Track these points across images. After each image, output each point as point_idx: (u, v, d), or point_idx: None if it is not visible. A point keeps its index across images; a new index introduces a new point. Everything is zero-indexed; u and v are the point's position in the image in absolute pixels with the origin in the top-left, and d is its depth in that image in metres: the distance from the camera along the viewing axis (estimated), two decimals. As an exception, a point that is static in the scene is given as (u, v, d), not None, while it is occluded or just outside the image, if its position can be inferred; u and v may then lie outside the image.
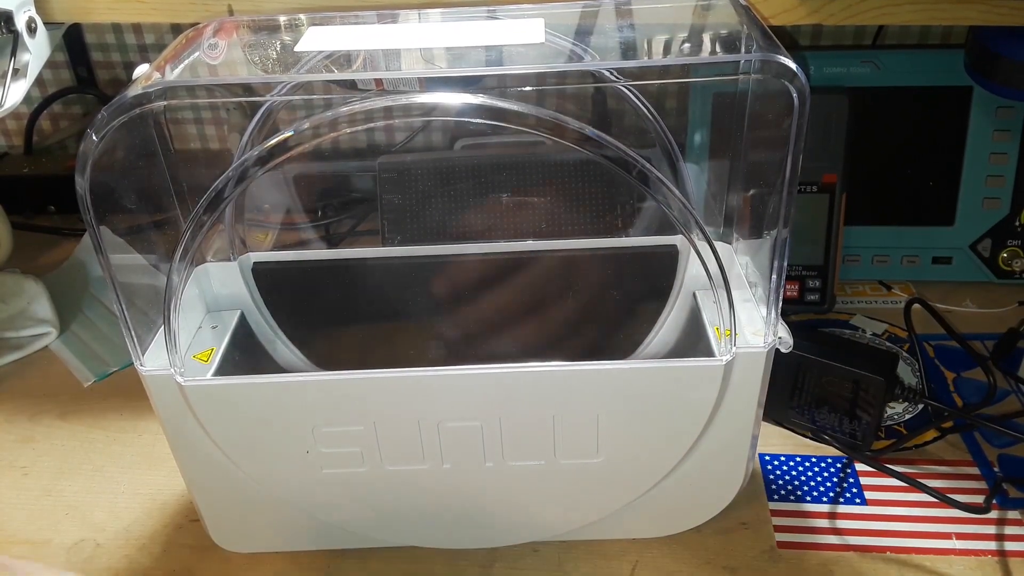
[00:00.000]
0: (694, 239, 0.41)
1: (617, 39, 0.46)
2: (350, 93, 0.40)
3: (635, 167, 0.38)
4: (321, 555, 0.49)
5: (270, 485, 0.46)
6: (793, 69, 0.37)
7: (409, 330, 0.55)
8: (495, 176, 0.65)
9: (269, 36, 0.46)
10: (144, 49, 0.84)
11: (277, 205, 0.74)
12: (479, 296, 0.53)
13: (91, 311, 0.71)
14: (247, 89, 0.47)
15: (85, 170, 0.38)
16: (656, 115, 0.51)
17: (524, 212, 0.64)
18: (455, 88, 0.38)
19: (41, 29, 0.55)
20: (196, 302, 0.50)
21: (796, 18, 0.53)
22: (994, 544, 0.49)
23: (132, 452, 0.58)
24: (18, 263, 0.74)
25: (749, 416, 0.45)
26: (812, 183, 0.65)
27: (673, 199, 0.40)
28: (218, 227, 0.50)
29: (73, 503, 0.54)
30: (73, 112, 0.90)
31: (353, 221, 0.78)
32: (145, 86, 0.38)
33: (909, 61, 0.67)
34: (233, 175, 0.40)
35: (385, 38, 0.45)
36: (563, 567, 0.48)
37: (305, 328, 0.53)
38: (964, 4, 0.53)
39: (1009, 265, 0.70)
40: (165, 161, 0.47)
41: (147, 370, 0.42)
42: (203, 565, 0.49)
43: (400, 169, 0.66)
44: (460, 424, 0.44)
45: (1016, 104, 0.66)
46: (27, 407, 0.62)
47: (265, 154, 0.39)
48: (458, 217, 0.66)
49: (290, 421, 0.44)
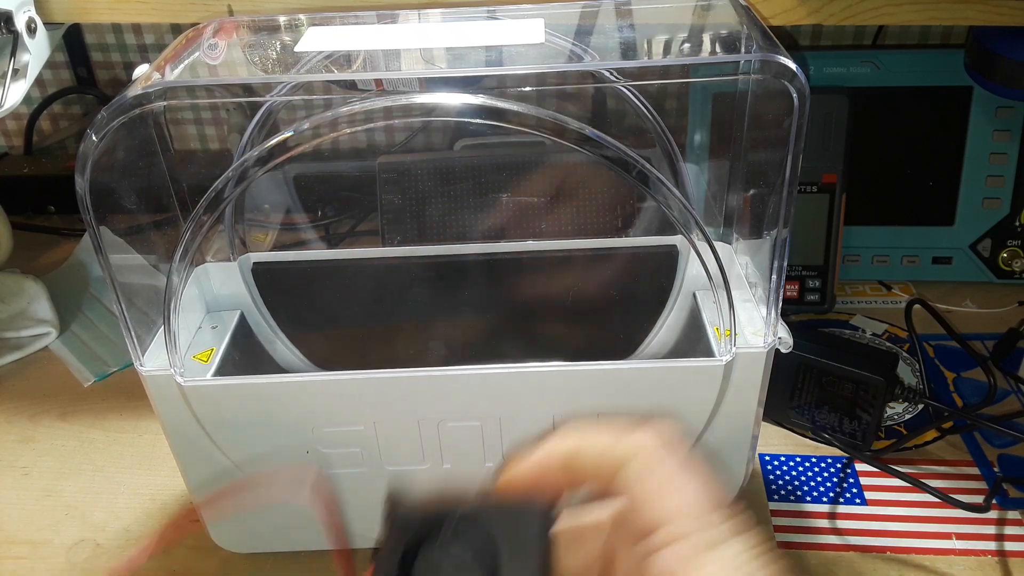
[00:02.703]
0: (694, 239, 0.41)
1: (617, 39, 0.46)
2: (350, 93, 0.40)
3: (635, 167, 0.38)
4: (321, 555, 0.49)
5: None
6: (793, 69, 0.37)
7: (409, 330, 0.55)
8: (495, 176, 0.65)
9: (269, 36, 0.46)
10: (144, 49, 0.84)
11: (277, 205, 0.74)
12: (479, 296, 0.53)
13: (91, 311, 0.71)
14: (247, 89, 0.47)
15: (85, 170, 0.38)
16: (656, 115, 0.51)
17: (524, 212, 0.64)
18: (455, 88, 0.38)
19: (41, 29, 0.55)
20: (196, 302, 0.50)
21: (796, 18, 0.53)
22: (994, 544, 0.49)
23: (132, 452, 0.58)
24: (18, 263, 0.74)
25: (749, 416, 0.45)
26: (812, 183, 0.65)
27: (673, 199, 0.40)
28: (218, 227, 0.50)
29: (73, 503, 0.54)
30: (73, 112, 0.90)
31: (353, 221, 0.78)
32: (145, 86, 0.38)
33: (909, 61, 0.67)
34: (233, 175, 0.40)
35: (385, 38, 0.45)
36: (563, 567, 0.48)
37: (305, 328, 0.53)
38: (964, 4, 0.53)
39: (1009, 265, 0.70)
40: (165, 161, 0.47)
41: (147, 370, 0.42)
42: (203, 565, 0.49)
43: (400, 169, 0.66)
44: (460, 424, 0.44)
45: (1016, 104, 0.66)
46: (27, 407, 0.62)
47: (265, 154, 0.39)
48: (458, 217, 0.65)
49: (290, 421, 0.44)
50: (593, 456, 0.28)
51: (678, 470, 0.27)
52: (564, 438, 0.29)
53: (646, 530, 0.26)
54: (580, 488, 0.29)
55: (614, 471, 0.28)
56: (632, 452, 0.28)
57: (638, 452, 0.28)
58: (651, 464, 0.27)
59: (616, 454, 0.28)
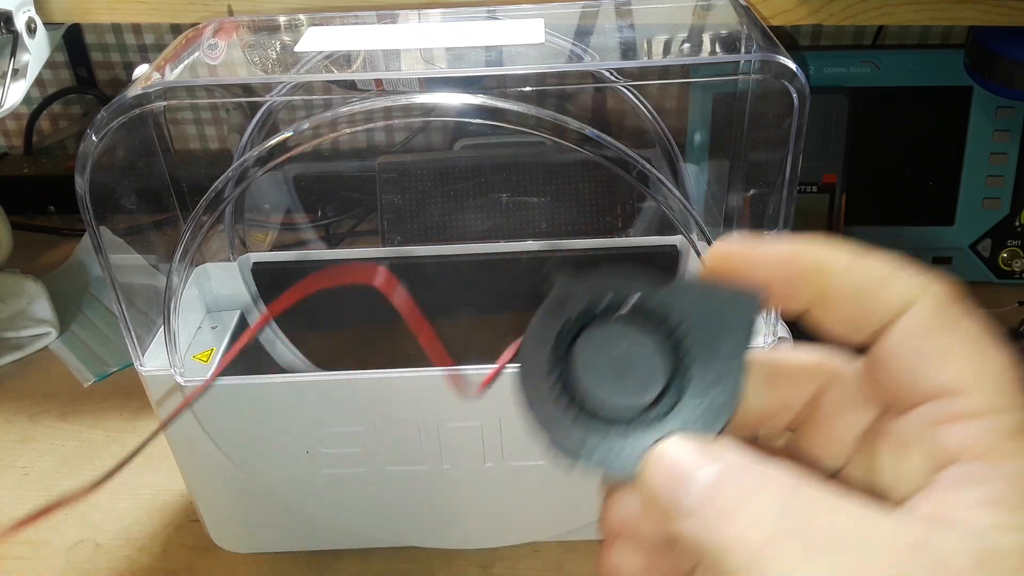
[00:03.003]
0: (694, 239, 0.41)
1: (617, 39, 0.46)
2: (350, 93, 0.40)
3: (635, 167, 0.38)
4: (321, 555, 0.49)
5: (270, 485, 0.46)
6: (793, 69, 0.37)
7: (409, 330, 0.55)
8: (495, 176, 0.65)
9: (269, 36, 0.46)
10: (144, 49, 0.84)
11: (277, 205, 0.74)
12: (479, 296, 0.53)
13: (91, 311, 0.71)
14: (247, 89, 0.47)
15: (85, 170, 0.38)
16: (656, 115, 0.51)
17: (524, 212, 0.64)
18: (455, 88, 0.38)
19: (41, 29, 0.55)
20: (196, 302, 0.50)
21: (796, 18, 0.53)
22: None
23: (132, 452, 0.58)
24: (18, 263, 0.74)
25: (749, 416, 0.45)
26: (812, 183, 0.65)
27: (673, 199, 0.40)
28: (218, 227, 0.50)
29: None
30: (73, 112, 0.90)
31: (353, 221, 0.78)
32: (145, 86, 0.38)
33: (909, 61, 0.67)
34: (233, 175, 0.40)
35: (385, 38, 0.45)
36: (563, 567, 0.48)
37: (305, 328, 0.53)
38: (964, 4, 0.53)
39: (1009, 265, 0.70)
40: (165, 161, 0.47)
41: (147, 370, 0.42)
42: (203, 565, 0.49)
43: (400, 169, 0.66)
44: (460, 424, 0.44)
45: (1016, 104, 0.66)
46: (27, 407, 0.62)
47: (265, 154, 0.39)
48: (458, 217, 0.65)
49: (290, 421, 0.44)
50: (855, 279, 0.21)
51: (980, 332, 0.21)
52: (815, 245, 0.22)
53: (923, 393, 0.21)
54: (813, 311, 0.22)
55: (883, 308, 0.21)
56: (917, 293, 0.21)
57: (926, 295, 0.21)
58: (945, 315, 0.21)
59: (893, 288, 0.21)
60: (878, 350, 0.22)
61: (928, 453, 0.20)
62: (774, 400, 0.25)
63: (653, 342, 0.22)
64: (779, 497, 0.19)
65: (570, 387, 0.23)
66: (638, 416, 0.22)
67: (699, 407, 0.21)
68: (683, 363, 0.22)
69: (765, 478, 0.19)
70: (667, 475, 0.20)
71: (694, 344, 0.22)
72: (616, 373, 0.22)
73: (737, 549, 0.18)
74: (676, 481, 0.20)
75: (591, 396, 0.22)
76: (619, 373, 0.22)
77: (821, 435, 0.24)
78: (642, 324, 0.22)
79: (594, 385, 0.22)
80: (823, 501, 0.19)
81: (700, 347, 0.22)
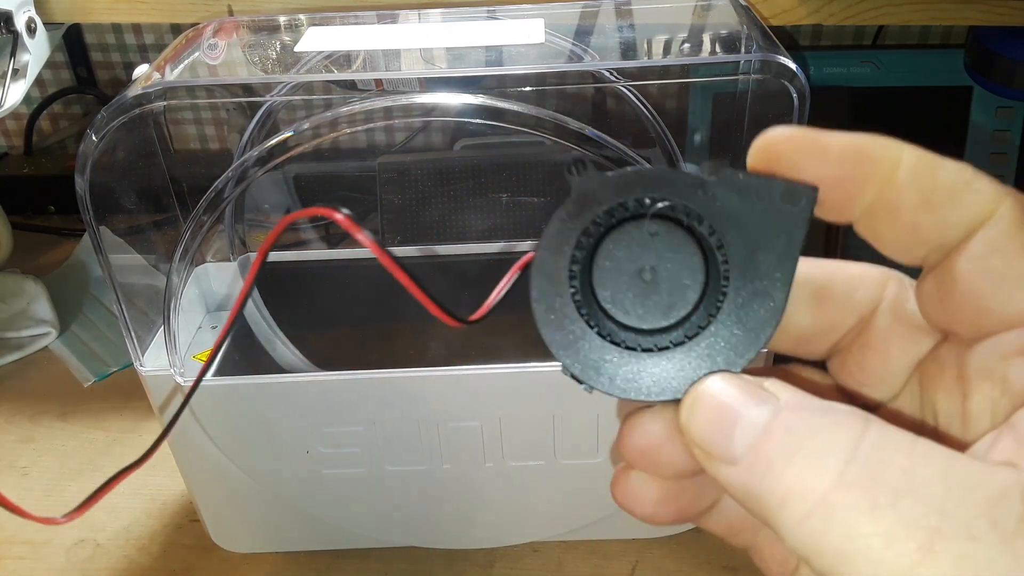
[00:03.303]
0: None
1: (617, 39, 0.46)
2: (350, 93, 0.40)
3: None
4: (321, 555, 0.49)
5: (270, 485, 0.46)
6: (793, 69, 0.37)
7: (409, 330, 0.55)
8: (495, 176, 0.65)
9: (269, 36, 0.46)
10: (144, 49, 0.84)
11: (277, 205, 0.74)
12: (479, 296, 0.53)
13: (91, 311, 0.71)
14: (247, 89, 0.47)
15: (85, 170, 0.38)
16: (656, 115, 0.51)
17: (524, 212, 0.64)
18: (455, 88, 0.38)
19: (41, 29, 0.55)
20: (196, 302, 0.50)
21: (796, 18, 0.53)
22: None
23: (132, 452, 0.57)
24: (18, 263, 0.74)
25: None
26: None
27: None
28: (218, 227, 0.50)
29: (73, 503, 0.54)
30: (73, 112, 0.90)
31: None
32: (145, 86, 0.38)
33: (909, 61, 0.67)
34: (233, 175, 0.40)
35: (385, 38, 0.45)
36: (563, 567, 0.48)
37: (305, 328, 0.53)
38: (964, 4, 0.53)
39: (1009, 265, 0.70)
40: (165, 161, 0.47)
41: (147, 370, 0.42)
42: (203, 565, 0.49)
43: (400, 169, 0.66)
44: (460, 424, 0.44)
45: (1016, 104, 0.66)
46: (27, 407, 0.62)
47: (265, 154, 0.39)
48: (458, 217, 0.65)
49: (290, 421, 0.44)
50: (932, 182, 0.18)
51: None
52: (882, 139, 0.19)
53: (999, 321, 0.18)
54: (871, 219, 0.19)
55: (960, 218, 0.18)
56: (994, 205, 0.18)
57: (1003, 211, 0.18)
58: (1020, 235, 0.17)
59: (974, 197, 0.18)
60: (947, 268, 0.19)
61: (1002, 389, 0.18)
62: (819, 320, 0.22)
63: (686, 250, 0.19)
64: (844, 438, 0.16)
65: (589, 302, 0.20)
66: (665, 335, 0.20)
67: (734, 326, 0.19)
68: (719, 274, 0.19)
69: (825, 417, 0.17)
70: (711, 419, 0.18)
71: (732, 251, 0.19)
72: (642, 287, 0.20)
73: (796, 498, 0.16)
74: (723, 425, 0.18)
75: (613, 313, 0.20)
76: (645, 287, 0.20)
77: (867, 364, 0.22)
78: (673, 230, 0.19)
79: (616, 301, 0.20)
80: (895, 442, 0.16)
81: (739, 255, 0.19)
